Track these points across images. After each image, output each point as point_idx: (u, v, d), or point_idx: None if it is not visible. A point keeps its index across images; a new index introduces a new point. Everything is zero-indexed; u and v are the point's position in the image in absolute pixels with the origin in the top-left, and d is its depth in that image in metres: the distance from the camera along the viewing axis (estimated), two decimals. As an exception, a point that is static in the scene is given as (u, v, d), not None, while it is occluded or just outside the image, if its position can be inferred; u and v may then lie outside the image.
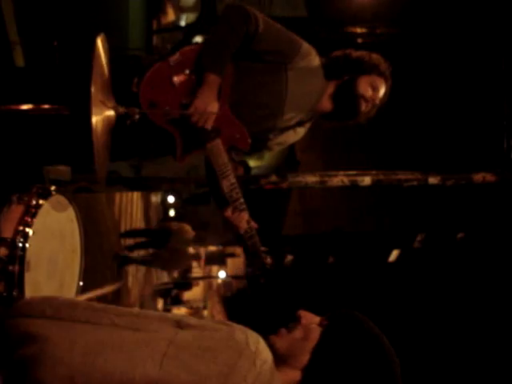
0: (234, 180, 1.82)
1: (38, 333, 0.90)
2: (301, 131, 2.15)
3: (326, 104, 2.03)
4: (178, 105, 1.83)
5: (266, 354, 0.96)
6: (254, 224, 1.85)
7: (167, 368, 0.87)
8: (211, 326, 0.98)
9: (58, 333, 0.89)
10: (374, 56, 2.03)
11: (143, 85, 1.79)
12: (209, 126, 1.82)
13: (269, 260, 1.81)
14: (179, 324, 0.94)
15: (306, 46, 1.96)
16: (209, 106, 1.79)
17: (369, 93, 1.99)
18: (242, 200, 1.83)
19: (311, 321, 1.09)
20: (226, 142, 1.87)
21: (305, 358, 1.02)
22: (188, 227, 5.81)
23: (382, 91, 2.02)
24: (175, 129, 1.86)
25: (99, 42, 1.66)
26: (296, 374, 1.01)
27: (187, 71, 1.83)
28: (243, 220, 1.82)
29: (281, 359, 1.02)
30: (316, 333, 1.05)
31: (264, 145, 2.08)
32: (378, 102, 2.03)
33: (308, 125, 2.14)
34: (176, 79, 1.82)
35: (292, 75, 1.93)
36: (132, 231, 6.40)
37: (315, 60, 1.98)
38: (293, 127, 2.08)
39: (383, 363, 1.01)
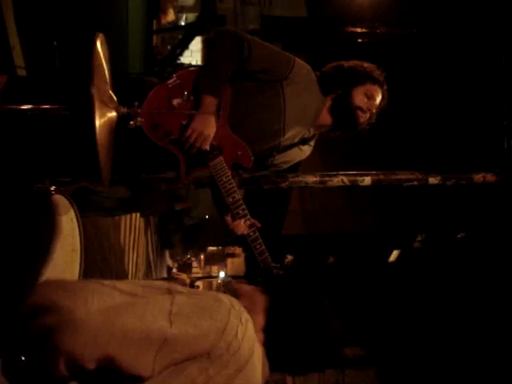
0: (238, 197, 1.87)
1: (52, 303, 0.91)
2: (306, 149, 2.21)
3: (326, 118, 2.09)
4: (178, 126, 1.87)
5: (246, 314, 1.06)
6: (256, 223, 1.90)
7: (176, 324, 0.93)
8: (197, 291, 1.09)
9: (72, 299, 0.91)
10: (366, 65, 2.07)
11: (144, 108, 1.83)
12: (206, 146, 1.88)
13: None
14: (170, 291, 1.00)
15: (299, 61, 2.01)
16: (206, 127, 1.86)
17: (364, 103, 2.03)
18: (250, 222, 1.89)
19: (248, 290, 1.22)
20: (229, 159, 1.93)
21: (260, 319, 1.14)
22: (185, 276, 6.29)
23: (378, 98, 2.06)
24: (177, 149, 1.90)
25: (98, 42, 1.66)
26: (259, 335, 1.12)
27: (185, 93, 1.90)
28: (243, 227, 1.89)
29: None
30: (260, 299, 1.18)
31: (270, 163, 2.13)
32: (375, 109, 2.07)
33: (312, 142, 2.21)
34: (175, 101, 1.88)
35: (288, 91, 1.98)
36: None
37: (310, 75, 2.04)
38: (297, 145, 2.13)
39: (316, 309, 1.18)
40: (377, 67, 2.07)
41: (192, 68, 1.96)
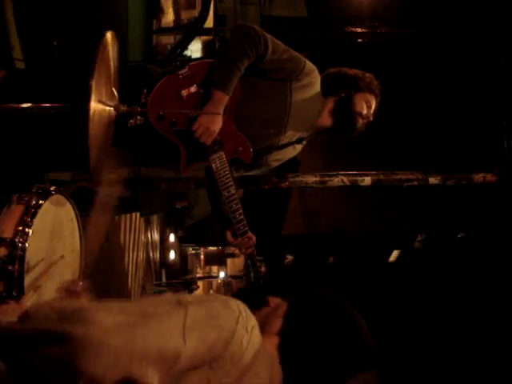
0: (234, 191, 1.89)
1: (64, 332, 0.88)
2: (299, 147, 2.24)
3: (326, 120, 2.12)
4: (184, 117, 1.86)
5: (253, 319, 1.05)
6: (253, 239, 1.93)
7: (191, 340, 0.91)
8: (207, 298, 1.07)
9: (82, 324, 0.88)
10: (368, 75, 2.13)
11: (152, 96, 1.83)
12: (209, 141, 1.89)
13: (263, 269, 1.89)
14: (180, 303, 0.98)
15: (309, 64, 2.03)
16: (212, 123, 1.85)
17: (364, 110, 2.09)
18: (242, 216, 1.91)
19: (278, 302, 1.21)
20: (229, 154, 1.94)
21: (278, 323, 1.13)
22: None
23: (373, 108, 2.13)
24: (180, 140, 1.90)
25: (109, 38, 1.65)
26: (274, 339, 1.11)
27: (195, 85, 1.89)
28: (246, 244, 1.92)
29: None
30: (284, 306, 1.17)
31: (264, 161, 2.14)
32: (371, 118, 2.13)
33: (305, 141, 2.23)
34: (184, 92, 1.87)
35: (296, 92, 2.00)
36: None
37: (317, 78, 2.07)
38: (292, 144, 2.14)
39: (345, 316, 1.15)
40: (375, 78, 2.13)
41: (206, 60, 1.93)
